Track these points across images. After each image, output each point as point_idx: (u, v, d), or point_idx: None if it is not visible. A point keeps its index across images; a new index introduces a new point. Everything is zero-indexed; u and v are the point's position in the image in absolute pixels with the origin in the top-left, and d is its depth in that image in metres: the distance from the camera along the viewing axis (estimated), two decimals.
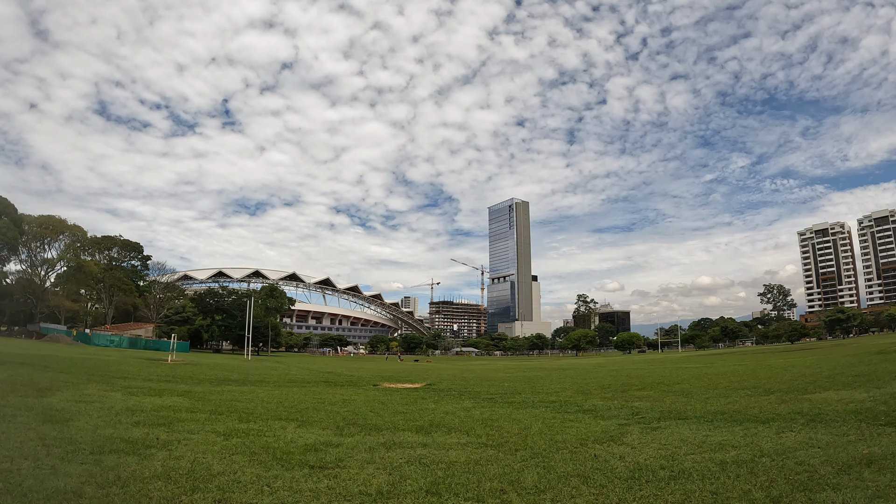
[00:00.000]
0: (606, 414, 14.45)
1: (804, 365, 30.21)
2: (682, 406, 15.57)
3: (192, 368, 36.87)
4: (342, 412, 14.93)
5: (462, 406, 17.25)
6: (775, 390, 18.18)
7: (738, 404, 15.24)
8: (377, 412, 15.13)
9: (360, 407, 16.52)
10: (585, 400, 18.62)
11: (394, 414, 14.75)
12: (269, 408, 15.65)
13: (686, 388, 21.22)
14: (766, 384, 20.65)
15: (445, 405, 17.48)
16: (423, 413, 15.08)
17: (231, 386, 24.04)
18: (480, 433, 11.47)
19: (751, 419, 12.20)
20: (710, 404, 15.61)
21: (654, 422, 12.62)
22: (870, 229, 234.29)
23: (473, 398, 20.05)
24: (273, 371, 39.53)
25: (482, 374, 41.53)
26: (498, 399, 19.64)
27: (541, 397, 20.11)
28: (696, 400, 16.98)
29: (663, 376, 29.70)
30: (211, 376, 29.83)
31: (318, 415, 14.20)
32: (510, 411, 15.69)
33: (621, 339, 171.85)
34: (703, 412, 13.84)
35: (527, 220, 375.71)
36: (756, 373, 27.41)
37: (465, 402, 18.75)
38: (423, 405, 17.44)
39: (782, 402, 14.89)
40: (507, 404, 17.80)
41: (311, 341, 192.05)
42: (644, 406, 15.99)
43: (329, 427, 11.90)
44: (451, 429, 12.05)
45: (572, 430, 11.69)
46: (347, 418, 13.54)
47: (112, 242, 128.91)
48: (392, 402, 18.08)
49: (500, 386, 26.61)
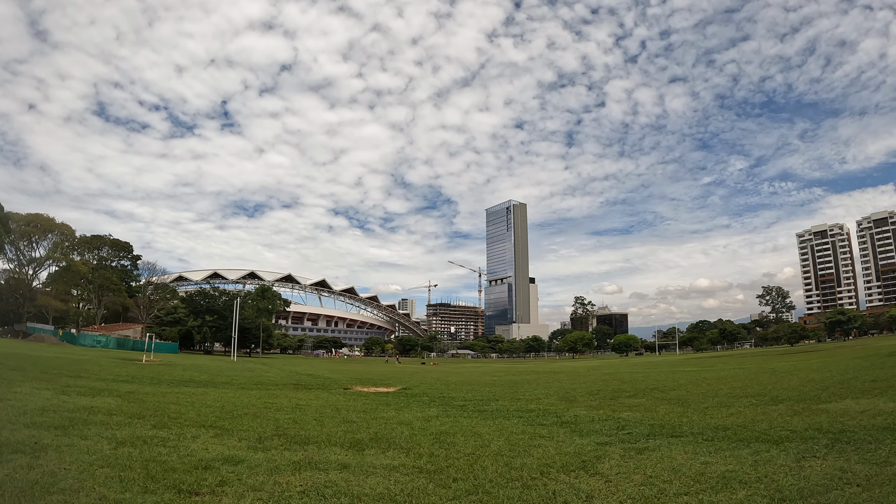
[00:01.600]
0: (586, 428, 12.20)
1: (810, 368, 27.99)
2: (677, 418, 13.31)
3: (162, 369, 35.73)
4: (281, 419, 13.50)
5: (424, 415, 15.23)
6: (784, 398, 15.93)
7: (743, 416, 12.99)
8: (321, 421, 13.46)
9: (306, 414, 14.86)
10: (567, 409, 16.39)
11: (339, 423, 13.02)
12: (202, 412, 14.32)
13: (682, 396, 18.95)
14: (772, 391, 18.41)
15: (406, 413, 15.56)
16: (373, 423, 13.25)
17: (189, 388, 22.55)
18: (423, 452, 9.50)
19: (760, 438, 9.94)
20: (710, 416, 13.35)
21: (641, 440, 10.39)
22: (869, 231, 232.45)
23: (443, 405, 18.06)
24: (249, 373, 38.03)
25: (469, 377, 39.35)
26: (470, 407, 17.49)
27: (519, 405, 17.89)
28: (694, 410, 14.72)
29: (658, 381, 27.42)
30: (175, 377, 28.36)
31: (251, 422, 12.76)
32: (476, 422, 13.59)
33: (618, 342, 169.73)
34: (701, 427, 11.59)
35: (524, 222, 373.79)
36: (759, 377, 25.15)
37: (431, 409, 16.76)
38: (381, 413, 15.65)
39: (795, 414, 12.64)
40: (477, 413, 15.73)
41: (305, 343, 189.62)
42: (633, 418, 13.74)
43: (249, 438, 10.56)
44: (392, 445, 10.22)
45: (538, 452, 9.47)
46: (281, 427, 12.07)
47: (101, 242, 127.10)
48: (347, 409, 16.47)
49: (480, 391, 24.39)
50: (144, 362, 43.80)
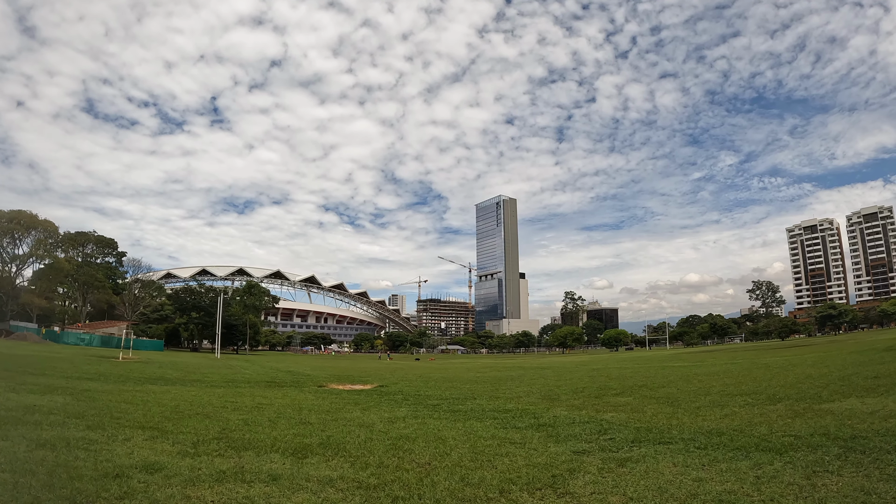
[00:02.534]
0: (565, 432, 10.87)
1: (806, 364, 26.80)
2: (666, 420, 11.98)
3: (136, 366, 34.73)
4: (233, 420, 12.65)
5: (391, 416, 14.01)
6: (782, 397, 14.65)
7: (739, 418, 11.67)
8: (275, 422, 12.50)
9: (262, 415, 13.92)
10: (548, 409, 15.07)
11: (293, 425, 12.03)
12: (150, 412, 13.46)
13: (672, 394, 17.64)
14: (768, 388, 17.13)
15: (372, 414, 14.34)
16: (330, 425, 12.17)
17: (153, 386, 21.55)
18: (372, 462, 8.39)
19: (760, 445, 8.61)
20: (702, 418, 12.03)
21: (624, 447, 9.07)
22: (859, 226, 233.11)
23: (415, 405, 16.79)
24: (226, 370, 37.05)
25: (453, 373, 38.05)
26: (443, 406, 16.20)
27: (496, 404, 16.56)
28: (684, 410, 13.40)
29: (647, 377, 26.14)
30: (144, 375, 27.31)
31: (198, 423, 11.93)
32: (444, 425, 12.32)
33: (608, 337, 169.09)
34: (692, 431, 10.27)
35: (514, 218, 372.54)
36: (752, 373, 23.93)
37: (400, 409, 15.52)
38: (345, 413, 14.52)
39: (796, 416, 11.34)
40: (449, 414, 14.47)
41: (293, 339, 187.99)
42: (617, 420, 12.42)
43: (185, 442, 9.70)
44: (341, 452, 9.13)
45: (503, 463, 8.14)
46: (227, 430, 11.23)
47: (86, 238, 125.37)
48: (310, 409, 15.41)
49: (460, 389, 23.05)
50: (121, 360, 42.68)
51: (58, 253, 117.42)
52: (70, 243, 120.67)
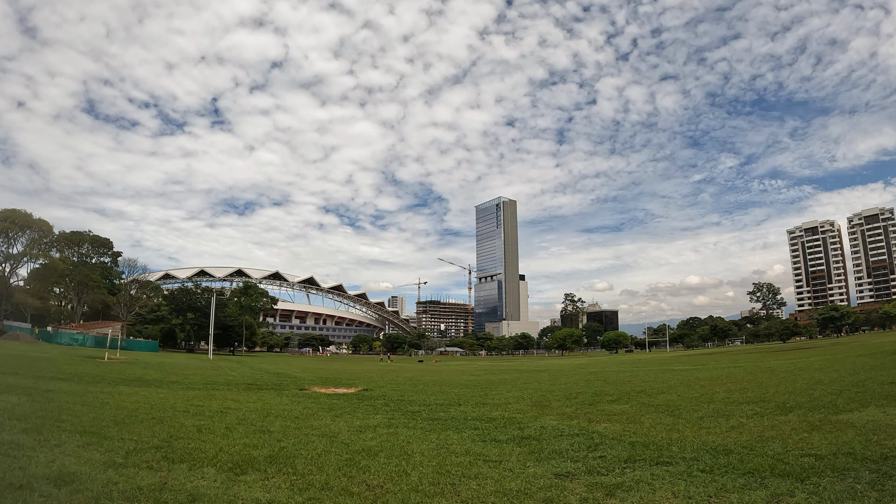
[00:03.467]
0: (549, 447, 9.53)
1: (813, 367, 25.45)
2: (665, 433, 10.65)
3: (119, 367, 34.12)
4: (187, 426, 11.75)
5: (363, 424, 12.79)
6: (793, 406, 13.30)
7: (747, 431, 10.33)
8: (231, 429, 11.58)
9: (222, 420, 12.96)
10: (536, 418, 13.76)
11: (249, 434, 11.09)
12: (102, 415, 12.73)
13: (673, 401, 16.27)
14: (776, 395, 15.78)
15: (341, 422, 13.10)
16: (290, 435, 11.13)
17: (125, 387, 20.57)
18: (318, 481, 7.34)
19: (776, 468, 7.27)
20: (706, 431, 10.68)
21: (616, 468, 7.76)
22: (860, 227, 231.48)
23: (394, 411, 15.54)
24: (211, 372, 35.87)
25: (446, 376, 36.73)
26: (423, 414, 14.93)
27: (481, 412, 15.24)
28: (686, 422, 12.05)
29: (646, 382, 24.78)
30: (122, 376, 26.34)
31: (145, 429, 11.08)
32: (416, 436, 11.10)
33: (608, 339, 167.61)
34: (695, 448, 8.95)
35: (514, 219, 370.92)
36: (757, 378, 22.57)
37: (375, 417, 14.27)
38: (313, 421, 13.33)
39: (812, 429, 10.02)
40: (427, 422, 13.22)
41: (291, 341, 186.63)
42: (611, 432, 11.09)
43: (119, 450, 8.79)
44: (286, 468, 8.09)
45: (469, 488, 6.84)
46: (174, 436, 10.40)
47: (81, 238, 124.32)
48: (277, 415, 14.35)
49: (447, 393, 21.70)
50: (106, 360, 42.00)
51: (53, 253, 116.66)
52: (65, 243, 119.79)
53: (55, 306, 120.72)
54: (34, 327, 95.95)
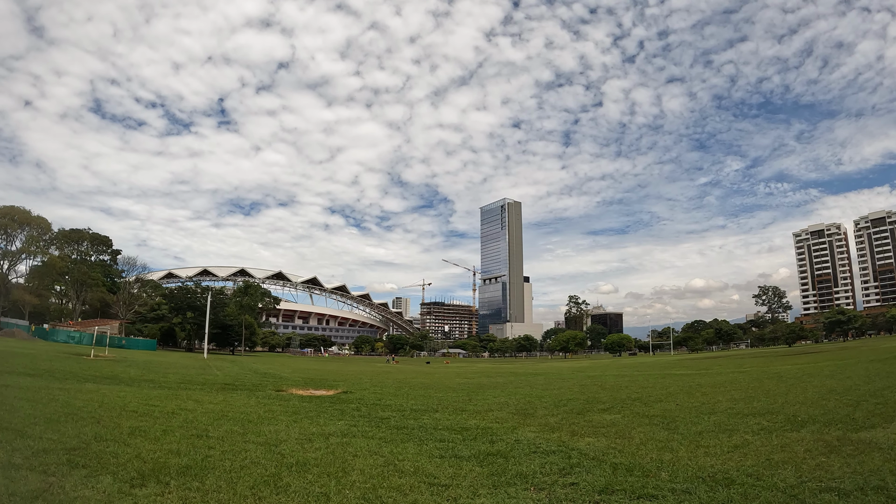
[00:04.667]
0: (516, 468, 8.02)
1: (823, 374, 23.81)
2: (657, 452, 9.11)
3: (100, 364, 33.84)
4: (124, 427, 10.91)
5: (319, 431, 11.64)
6: (805, 419, 11.72)
7: (753, 452, 8.78)
8: (169, 432, 10.70)
9: (168, 422, 12.14)
10: (514, 428, 12.24)
11: (187, 438, 10.20)
12: (37, 413, 11.93)
13: (670, 411, 14.66)
14: (785, 406, 14.18)
15: (295, 428, 11.94)
16: (230, 441, 10.21)
17: (92, 384, 19.88)
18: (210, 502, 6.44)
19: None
20: (705, 450, 9.13)
21: None
22: (866, 231, 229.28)
23: (361, 417, 14.30)
24: (195, 371, 34.99)
25: (437, 379, 35.22)
26: (392, 420, 13.65)
27: (457, 420, 13.75)
28: (682, 437, 10.49)
29: (644, 388, 23.18)
30: (98, 373, 25.73)
31: (73, 429, 10.33)
32: (370, 447, 9.78)
33: (611, 342, 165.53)
34: (689, 474, 7.41)
35: (519, 221, 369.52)
36: (764, 385, 20.93)
37: (337, 422, 13.02)
38: (265, 426, 12.12)
39: (830, 450, 8.47)
40: (391, 431, 11.92)
41: (293, 341, 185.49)
42: (593, 449, 9.56)
43: (26, 451, 8.18)
44: (192, 482, 7.23)
45: None
46: (98, 438, 9.60)
47: (80, 236, 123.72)
48: (232, 418, 13.21)
49: (430, 397, 20.15)
50: (93, 357, 41.29)
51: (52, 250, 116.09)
52: (64, 240, 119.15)
53: (55, 304, 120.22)
54: (31, 324, 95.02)
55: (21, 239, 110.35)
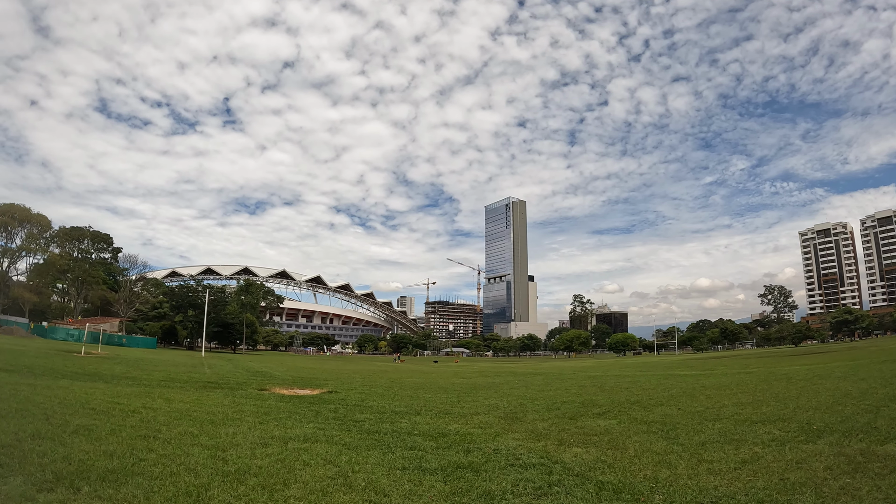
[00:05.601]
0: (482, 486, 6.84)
1: (834, 375, 22.51)
2: (652, 468, 7.93)
3: (87, 361, 33.46)
4: (69, 425, 10.42)
5: (281, 435, 10.69)
6: (822, 428, 10.47)
7: (765, 470, 7.57)
8: (117, 432, 10.01)
9: (123, 421, 11.44)
10: (497, 435, 11.08)
11: (133, 439, 9.48)
12: None
13: (671, 417, 13.42)
14: (797, 411, 12.93)
15: (257, 431, 11.12)
16: (177, 443, 9.43)
17: (67, 381, 19.33)
18: None
19: None
20: (708, 465, 7.95)
21: None
22: (873, 230, 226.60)
23: (334, 420, 13.31)
24: (185, 369, 34.26)
25: (432, 379, 34.07)
26: (366, 424, 12.59)
27: (438, 424, 12.59)
28: (682, 449, 9.28)
29: (645, 390, 21.93)
30: (80, 370, 25.11)
31: (15, 426, 9.74)
32: (329, 455, 8.70)
33: (615, 341, 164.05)
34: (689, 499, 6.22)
35: (524, 220, 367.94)
36: (772, 387, 19.66)
37: (305, 426, 11.97)
38: (227, 428, 11.34)
39: (855, 468, 7.26)
40: (361, 436, 10.86)
41: (295, 340, 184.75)
42: (580, 462, 8.38)
43: None
44: (102, 492, 6.46)
45: None
46: (34, 436, 9.07)
47: (81, 234, 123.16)
48: (194, 419, 12.42)
49: (417, 399, 18.96)
50: (83, 354, 40.94)
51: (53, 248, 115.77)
52: (65, 238, 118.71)
53: (56, 302, 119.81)
54: (31, 322, 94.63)
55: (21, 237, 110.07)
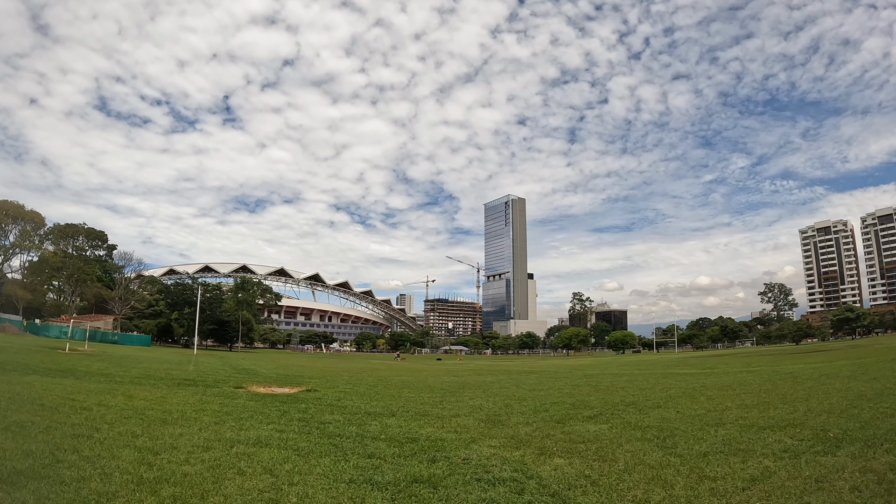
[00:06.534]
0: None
1: (842, 374, 21.24)
2: (644, 487, 6.63)
3: (67, 357, 33.17)
4: None
5: (232, 438, 9.62)
6: (840, 436, 9.16)
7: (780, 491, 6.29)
8: (50, 431, 9.38)
9: (66, 418, 10.82)
10: (472, 441, 9.83)
11: (66, 438, 8.81)
12: None
13: (668, 421, 12.10)
14: (809, 415, 11.65)
15: (207, 432, 10.17)
16: (109, 445, 8.57)
17: (41, 377, 18.76)
18: None
19: None
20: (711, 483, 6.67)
21: None
22: (873, 228, 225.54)
23: (300, 422, 12.05)
24: (167, 366, 33.01)
25: (422, 377, 32.75)
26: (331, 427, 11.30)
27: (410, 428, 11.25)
28: (681, 462, 7.98)
29: (642, 390, 20.60)
30: (56, 366, 24.45)
31: None
32: (272, 463, 7.49)
33: (614, 339, 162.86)
34: None
35: (523, 218, 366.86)
36: (778, 387, 18.36)
37: (264, 428, 10.78)
38: (177, 428, 10.45)
39: (889, 490, 5.97)
40: (321, 440, 9.76)
41: (293, 338, 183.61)
42: (560, 477, 7.12)
43: None
44: None
45: None
46: None
47: (75, 231, 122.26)
48: (147, 417, 11.76)
49: (397, 398, 17.62)
50: (67, 351, 40.24)
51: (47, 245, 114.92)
52: (59, 235, 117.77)
53: (52, 300, 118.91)
54: (24, 320, 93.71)
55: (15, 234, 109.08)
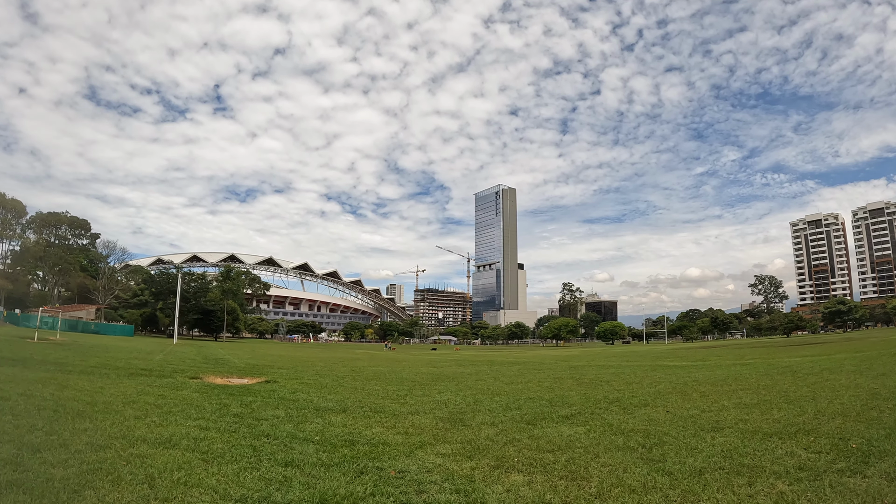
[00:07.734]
0: None
1: (846, 368, 19.67)
2: None
3: (34, 347, 32.90)
4: None
5: (136, 435, 7.89)
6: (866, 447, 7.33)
7: None
8: None
9: None
10: (422, 445, 8.08)
11: None
12: None
13: (656, 423, 10.36)
14: (820, 418, 9.95)
15: (117, 428, 8.52)
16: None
17: None
18: None
19: None
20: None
21: None
22: (864, 221, 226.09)
23: (236, 416, 10.42)
24: (133, 355, 31.95)
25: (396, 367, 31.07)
26: (268, 423, 9.80)
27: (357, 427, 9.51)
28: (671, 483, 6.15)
29: (629, 384, 18.92)
30: (14, 356, 23.93)
31: None
32: (165, 467, 5.64)
33: (603, 329, 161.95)
34: None
35: (514, 208, 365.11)
36: (777, 383, 16.69)
37: (183, 424, 9.12)
38: (82, 423, 9.07)
39: None
40: (240, 439, 7.95)
41: (280, 327, 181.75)
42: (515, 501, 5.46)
43: None
44: None
45: None
46: None
47: (58, 219, 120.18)
48: (63, 410, 10.42)
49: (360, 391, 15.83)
50: (35, 341, 39.73)
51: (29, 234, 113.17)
52: (42, 224, 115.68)
53: (36, 290, 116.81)
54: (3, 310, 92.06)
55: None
